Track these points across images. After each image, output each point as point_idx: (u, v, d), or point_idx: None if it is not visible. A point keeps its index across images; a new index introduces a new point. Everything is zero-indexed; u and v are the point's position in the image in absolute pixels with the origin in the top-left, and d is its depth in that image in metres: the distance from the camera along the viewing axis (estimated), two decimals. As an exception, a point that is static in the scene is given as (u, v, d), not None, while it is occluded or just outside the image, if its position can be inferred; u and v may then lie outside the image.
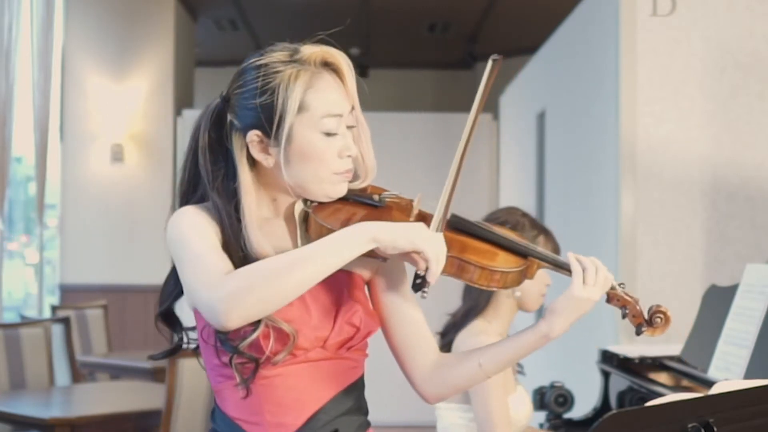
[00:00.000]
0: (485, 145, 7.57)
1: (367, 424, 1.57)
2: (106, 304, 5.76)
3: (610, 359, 2.90)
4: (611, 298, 1.56)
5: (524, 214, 2.46)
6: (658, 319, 1.57)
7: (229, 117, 1.50)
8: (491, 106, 7.89)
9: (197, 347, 1.56)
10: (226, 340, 1.42)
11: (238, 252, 1.45)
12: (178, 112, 6.87)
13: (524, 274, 1.53)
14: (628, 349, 2.99)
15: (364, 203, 1.54)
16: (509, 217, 2.43)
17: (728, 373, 2.26)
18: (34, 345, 4.30)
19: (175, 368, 3.33)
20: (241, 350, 1.42)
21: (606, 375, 2.93)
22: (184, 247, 1.43)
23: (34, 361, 4.28)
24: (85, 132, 6.66)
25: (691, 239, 3.83)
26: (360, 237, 1.38)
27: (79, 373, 4.81)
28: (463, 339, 2.29)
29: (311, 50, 1.52)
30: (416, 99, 9.03)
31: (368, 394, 1.59)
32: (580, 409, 3.04)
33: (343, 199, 1.53)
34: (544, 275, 2.36)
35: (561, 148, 5.13)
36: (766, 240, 3.81)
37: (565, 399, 2.93)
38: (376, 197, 1.55)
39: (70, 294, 6.60)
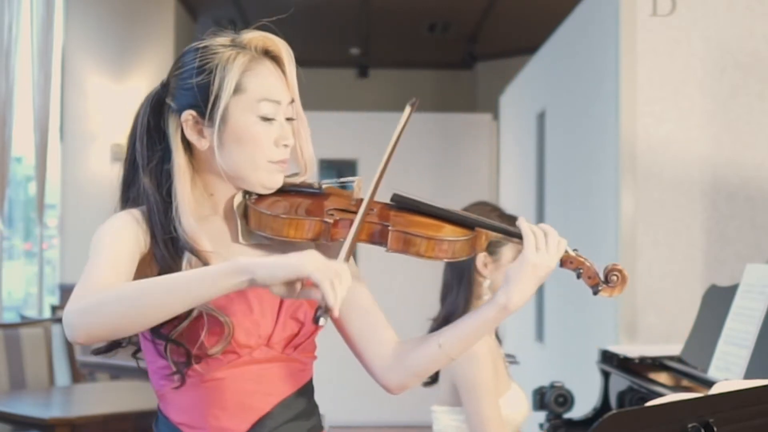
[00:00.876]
0: (485, 145, 7.57)
1: (320, 427, 1.54)
2: (106, 304, 5.74)
3: (610, 359, 2.90)
4: (564, 261, 1.51)
5: (494, 208, 2.45)
6: (615, 277, 1.50)
7: (167, 101, 1.48)
8: (491, 106, 7.89)
9: (137, 351, 1.53)
10: (158, 329, 1.39)
11: (168, 237, 1.42)
12: (178, 112, 6.86)
13: (473, 245, 1.50)
14: (628, 349, 2.99)
15: (304, 192, 1.54)
16: (478, 211, 2.42)
17: (728, 373, 2.26)
18: (34, 345, 4.30)
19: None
20: (172, 338, 1.39)
21: (606, 375, 2.93)
22: (93, 254, 1.39)
23: (34, 361, 4.28)
24: (85, 132, 6.66)
25: (691, 239, 3.83)
26: (233, 273, 1.27)
27: (79, 373, 4.81)
28: None
29: (253, 35, 1.49)
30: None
31: (367, 394, 1.58)
32: (580, 409, 3.04)
33: (281, 191, 1.52)
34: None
35: (561, 148, 5.12)
36: (766, 240, 3.81)
37: (565, 399, 2.93)
38: (316, 185, 1.54)
39: (70, 294, 6.58)
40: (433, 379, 2.42)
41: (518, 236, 1.50)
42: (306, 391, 1.52)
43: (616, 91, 3.90)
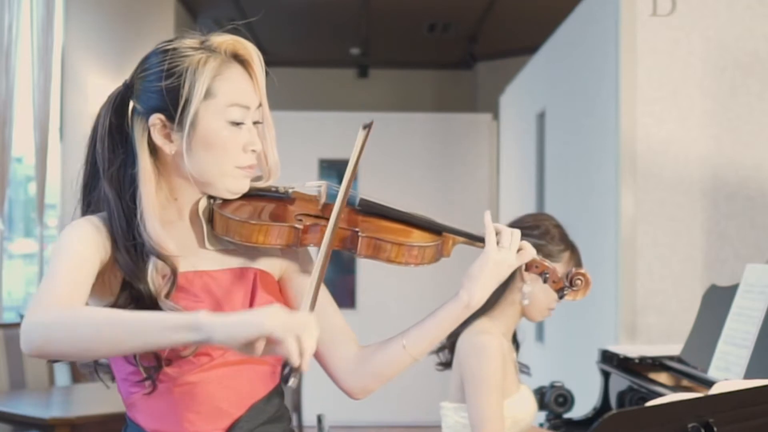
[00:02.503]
0: (485, 145, 7.57)
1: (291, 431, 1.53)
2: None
3: (610, 359, 2.90)
4: (530, 265, 1.57)
5: (557, 225, 2.44)
6: (579, 281, 1.57)
7: (131, 103, 1.46)
8: (491, 106, 7.90)
9: (97, 366, 1.51)
10: None
11: (130, 243, 1.39)
12: (178, 112, 6.87)
13: (440, 250, 1.53)
14: (628, 349, 2.99)
15: (269, 197, 1.53)
16: (540, 223, 2.41)
17: (728, 373, 2.26)
18: (34, 345, 4.30)
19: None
20: None
21: (606, 375, 2.93)
22: (52, 262, 1.37)
23: (34, 361, 4.27)
24: (85, 132, 6.62)
25: (691, 239, 3.83)
26: (188, 327, 1.21)
27: (79, 373, 4.81)
28: (466, 338, 2.28)
29: (222, 39, 1.47)
30: (416, 99, 9.03)
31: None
32: (580, 409, 3.04)
33: (247, 195, 1.50)
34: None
35: (561, 148, 5.12)
36: (766, 240, 3.81)
37: (565, 399, 2.92)
38: (282, 189, 1.53)
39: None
40: (447, 363, 2.40)
41: (481, 240, 1.53)
42: (277, 394, 1.52)
43: (616, 91, 3.90)
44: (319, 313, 1.49)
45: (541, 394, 2.95)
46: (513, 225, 2.24)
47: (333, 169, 7.31)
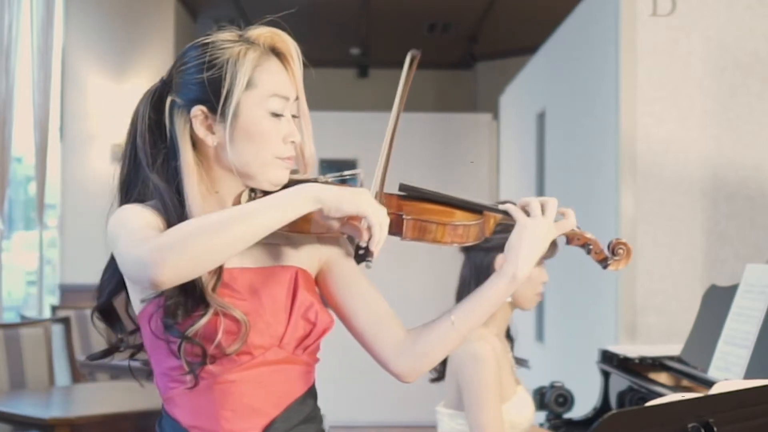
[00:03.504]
0: (485, 145, 7.57)
1: None
2: (106, 304, 5.74)
3: (610, 359, 2.90)
4: (571, 238, 1.59)
5: None
6: (621, 250, 1.62)
7: (170, 98, 1.46)
8: (491, 106, 7.90)
9: (133, 354, 1.52)
10: (173, 326, 1.37)
11: None
12: (178, 112, 6.86)
13: (482, 229, 1.55)
14: (628, 349, 2.99)
15: None
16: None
17: (728, 373, 2.26)
18: (34, 345, 4.30)
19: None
20: (189, 336, 1.37)
21: (606, 375, 2.93)
22: (119, 228, 1.37)
23: (34, 361, 4.27)
24: (85, 132, 6.66)
25: (691, 239, 3.83)
26: (304, 196, 1.33)
27: (79, 373, 4.81)
28: (462, 346, 2.28)
29: (260, 31, 1.49)
30: (416, 99, 9.03)
31: (368, 394, 1.58)
32: (580, 409, 3.04)
33: (286, 187, 1.50)
34: (539, 273, 2.35)
35: (561, 148, 5.12)
36: (766, 240, 3.81)
37: (565, 399, 2.93)
38: (321, 179, 1.53)
39: (70, 294, 6.59)
40: (440, 375, 2.41)
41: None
42: (312, 394, 1.53)
43: (616, 91, 3.90)
44: (366, 298, 1.55)
45: (541, 394, 2.95)
46: None
47: (333, 168, 7.29)
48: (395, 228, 1.48)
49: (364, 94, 8.84)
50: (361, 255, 1.33)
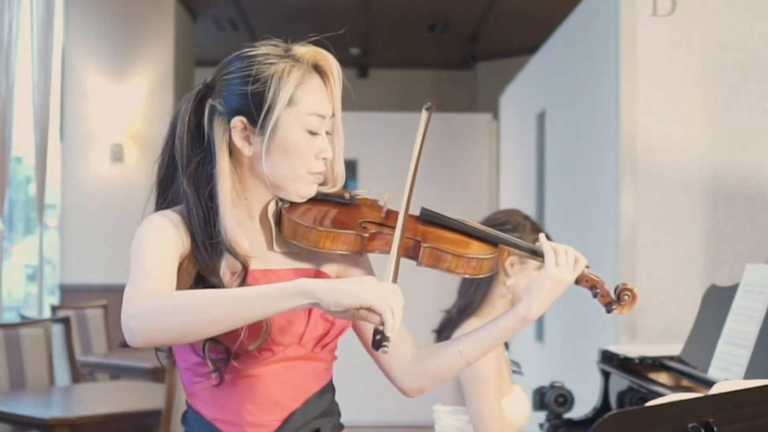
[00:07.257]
0: (485, 145, 7.57)
1: (341, 426, 1.60)
2: (106, 304, 5.75)
3: (610, 359, 2.90)
4: (580, 279, 1.61)
5: (525, 217, 2.46)
6: (626, 297, 1.62)
7: (211, 102, 1.50)
8: (491, 106, 7.90)
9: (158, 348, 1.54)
10: None
11: (208, 241, 1.44)
12: (178, 112, 6.86)
13: (496, 262, 1.58)
14: (628, 349, 2.99)
15: (335, 202, 1.58)
16: (510, 218, 2.43)
17: (728, 373, 2.26)
18: (34, 345, 4.30)
19: (175, 368, 3.33)
20: (212, 335, 1.39)
21: (606, 375, 2.93)
22: (135, 260, 1.41)
23: (34, 361, 4.27)
24: (85, 132, 6.66)
25: (691, 239, 3.83)
26: (298, 293, 1.30)
27: (79, 373, 4.81)
28: None
29: (305, 50, 1.54)
30: (416, 99, 9.03)
31: (368, 395, 1.60)
32: (580, 409, 3.04)
33: (313, 200, 1.55)
34: (536, 274, 2.36)
35: (561, 148, 5.13)
36: (766, 240, 3.81)
37: (565, 399, 2.93)
38: (347, 195, 1.58)
39: (70, 294, 6.60)
40: None
41: (539, 254, 1.59)
42: (330, 389, 1.58)
43: (616, 91, 3.90)
44: None
45: (541, 394, 2.95)
46: (485, 223, 2.27)
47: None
48: (412, 252, 1.53)
49: (364, 94, 8.84)
50: (378, 340, 1.30)
